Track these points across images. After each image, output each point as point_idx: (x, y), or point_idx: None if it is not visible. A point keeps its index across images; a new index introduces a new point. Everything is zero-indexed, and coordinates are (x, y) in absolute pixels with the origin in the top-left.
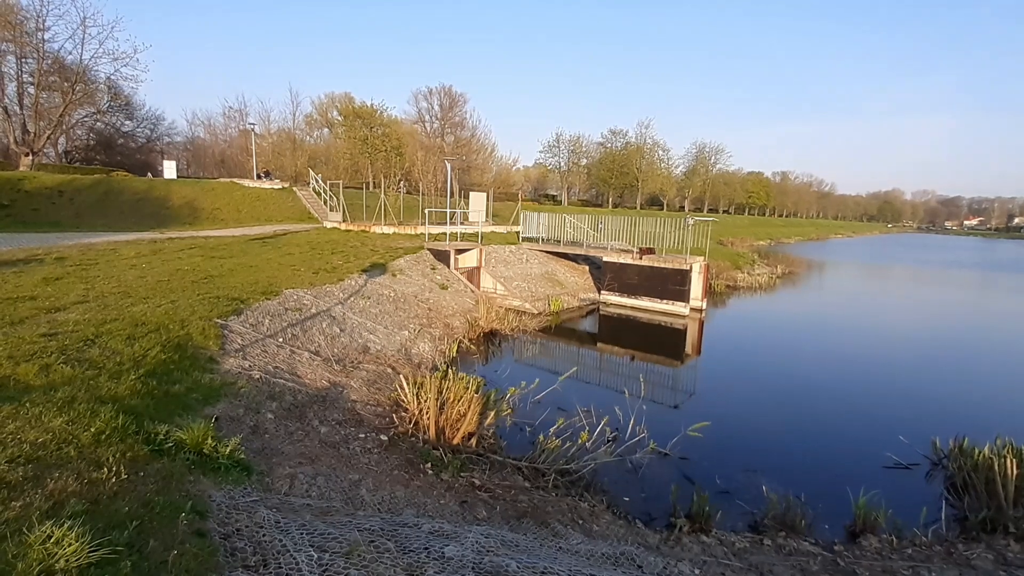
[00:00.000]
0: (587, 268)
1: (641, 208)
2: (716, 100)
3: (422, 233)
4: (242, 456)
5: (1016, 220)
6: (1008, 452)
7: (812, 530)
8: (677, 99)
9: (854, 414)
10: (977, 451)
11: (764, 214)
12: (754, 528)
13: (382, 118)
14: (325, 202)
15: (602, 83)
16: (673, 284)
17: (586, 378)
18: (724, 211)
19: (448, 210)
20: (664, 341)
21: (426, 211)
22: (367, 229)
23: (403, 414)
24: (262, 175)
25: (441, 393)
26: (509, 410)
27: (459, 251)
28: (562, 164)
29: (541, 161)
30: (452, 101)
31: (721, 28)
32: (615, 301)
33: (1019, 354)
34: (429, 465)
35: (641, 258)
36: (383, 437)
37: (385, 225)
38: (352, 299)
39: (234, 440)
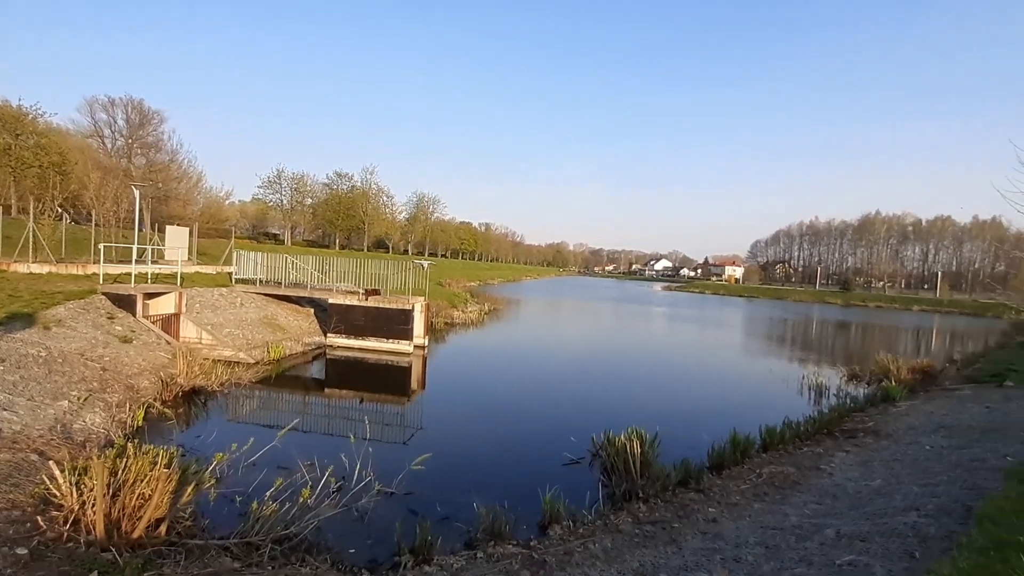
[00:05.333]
0: (312, 311)
1: (368, 250)
2: (433, 154)
3: (95, 273)
4: None
5: (634, 266)
6: (634, 436)
7: (514, 532)
8: (400, 149)
9: (541, 423)
10: (617, 439)
11: (474, 258)
12: (469, 545)
13: (35, 124)
14: None
15: (329, 127)
16: (398, 324)
17: (312, 428)
18: (442, 255)
19: (135, 246)
20: (392, 380)
21: (101, 246)
22: (3, 268)
23: (55, 513)
24: None
25: (116, 475)
26: (213, 481)
27: (149, 295)
28: (285, 202)
29: (260, 197)
30: (143, 118)
31: (439, 95)
32: (342, 343)
33: (644, 362)
34: (95, 575)
35: (367, 299)
36: (20, 551)
37: (35, 262)
38: None
39: None
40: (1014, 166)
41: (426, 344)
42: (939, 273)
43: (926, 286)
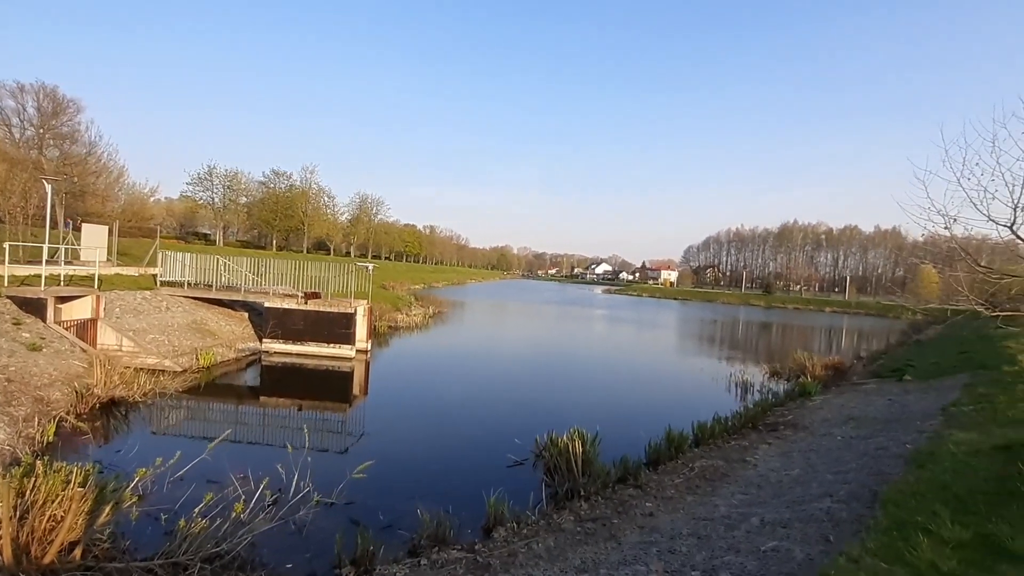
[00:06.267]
0: (246, 315)
1: (308, 252)
2: (377, 156)
3: None
4: None
5: (576, 270)
6: (576, 436)
7: (459, 537)
8: (342, 150)
9: (486, 426)
10: (560, 440)
11: (418, 261)
12: (413, 552)
13: None
14: None
15: (266, 126)
16: (339, 328)
17: (245, 438)
18: (386, 257)
19: (47, 245)
20: (332, 386)
21: (6, 245)
22: None
23: None
24: None
25: (24, 496)
26: (135, 499)
27: (62, 299)
28: (216, 200)
29: (190, 194)
30: (57, 106)
31: (381, 96)
32: (279, 349)
33: (585, 363)
34: None
35: (307, 303)
36: None
37: None
38: None
39: None
40: (911, 181)
41: (369, 348)
42: (848, 277)
43: (836, 289)
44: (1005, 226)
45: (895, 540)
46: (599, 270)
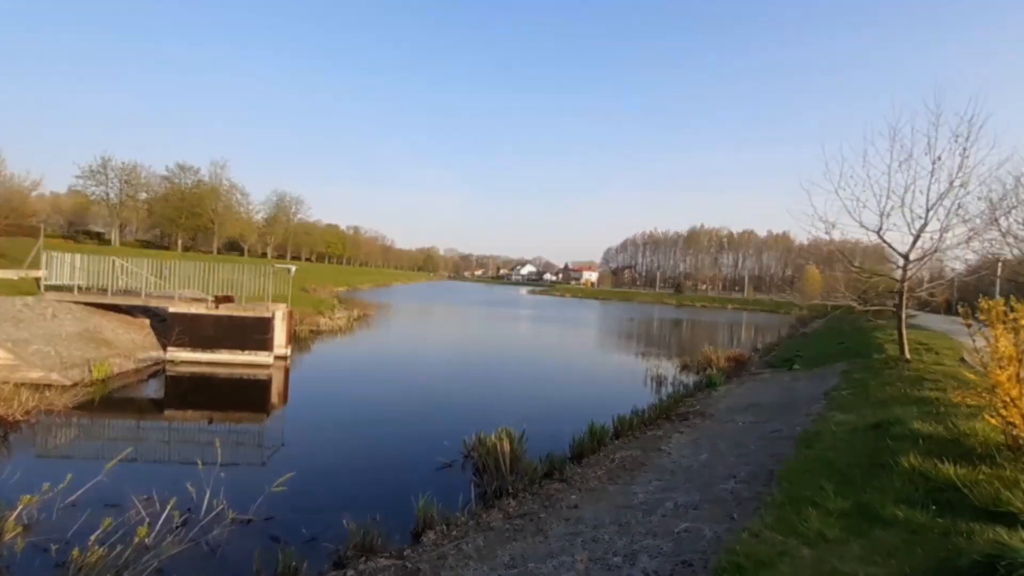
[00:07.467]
0: (148, 322)
1: (219, 253)
2: (297, 156)
3: None
4: None
5: (502, 271)
6: (504, 436)
7: (387, 544)
8: (257, 148)
9: (414, 429)
10: (488, 439)
11: (342, 263)
12: (338, 564)
13: None
14: None
15: (173, 119)
16: (256, 333)
17: (148, 457)
18: (306, 259)
19: None
20: (248, 395)
21: None
22: None
23: None
24: None
25: None
26: (19, 529)
27: None
28: (112, 195)
29: (80, 188)
30: None
31: (299, 93)
32: (187, 358)
33: (512, 363)
34: None
35: (218, 307)
36: None
37: None
38: None
39: None
40: (799, 191)
41: (288, 355)
42: (746, 277)
43: (737, 288)
44: (874, 231)
45: (789, 514)
46: (524, 271)
